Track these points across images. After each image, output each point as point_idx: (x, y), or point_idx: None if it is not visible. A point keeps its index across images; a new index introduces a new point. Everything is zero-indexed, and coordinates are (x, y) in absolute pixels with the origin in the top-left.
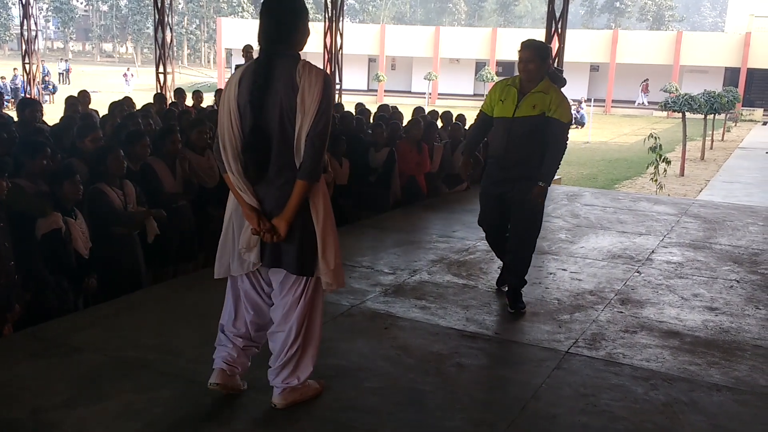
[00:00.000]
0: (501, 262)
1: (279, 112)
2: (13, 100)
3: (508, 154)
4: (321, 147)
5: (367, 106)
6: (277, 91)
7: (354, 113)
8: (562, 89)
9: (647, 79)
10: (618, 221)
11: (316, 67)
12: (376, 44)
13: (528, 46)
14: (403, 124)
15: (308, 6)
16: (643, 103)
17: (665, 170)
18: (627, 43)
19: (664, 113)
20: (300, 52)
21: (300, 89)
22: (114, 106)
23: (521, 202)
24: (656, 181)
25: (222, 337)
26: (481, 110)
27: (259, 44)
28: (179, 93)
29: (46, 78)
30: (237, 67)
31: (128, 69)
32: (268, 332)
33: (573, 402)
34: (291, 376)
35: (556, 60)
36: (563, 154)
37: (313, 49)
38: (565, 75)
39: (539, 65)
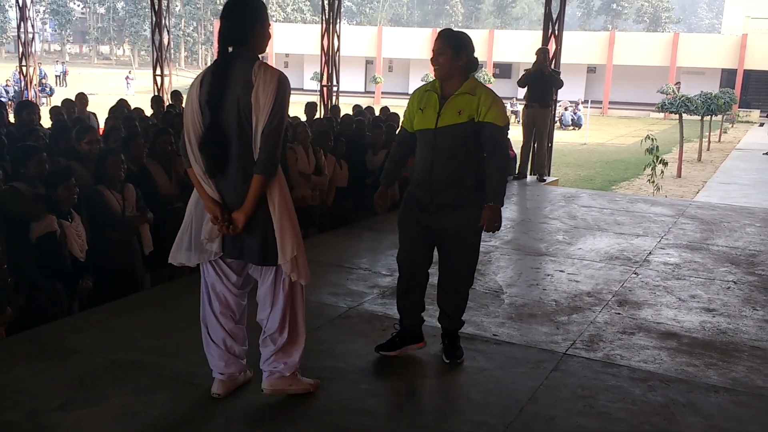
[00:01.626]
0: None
1: (236, 111)
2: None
3: (435, 174)
4: (275, 143)
5: (365, 108)
6: (234, 90)
7: (352, 115)
8: (559, 91)
9: (679, 82)
10: (615, 223)
11: (272, 67)
12: (374, 46)
13: (438, 36)
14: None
15: (305, 8)
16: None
17: (662, 172)
18: (624, 45)
19: (661, 115)
20: (260, 54)
21: (255, 88)
22: (113, 110)
23: (454, 234)
24: (653, 182)
25: (207, 340)
26: (401, 127)
27: (217, 45)
28: (176, 95)
29: (43, 80)
30: None
31: (129, 72)
32: (257, 319)
33: (571, 404)
34: (276, 362)
35: (554, 61)
36: (507, 163)
37: (310, 50)
38: (562, 77)
39: (451, 58)
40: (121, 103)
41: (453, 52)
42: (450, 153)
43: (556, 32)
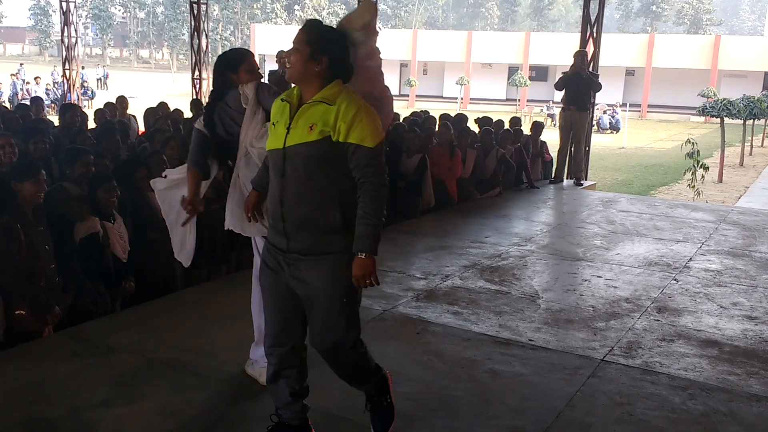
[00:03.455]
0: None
1: None
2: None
3: (287, 209)
4: None
5: (399, 111)
6: None
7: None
8: (597, 94)
9: None
10: (654, 228)
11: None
12: (409, 49)
13: (301, 27)
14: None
15: (341, 12)
16: None
17: (703, 176)
18: (663, 48)
19: (702, 118)
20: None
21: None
22: (149, 112)
23: (319, 293)
24: (694, 187)
25: None
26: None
27: None
28: None
29: (85, 83)
30: (270, 73)
31: (207, 75)
32: None
33: (608, 411)
34: None
35: (592, 64)
36: (385, 196)
37: None
38: (600, 79)
39: (306, 58)
40: (161, 106)
41: (310, 50)
42: (302, 181)
43: (595, 34)
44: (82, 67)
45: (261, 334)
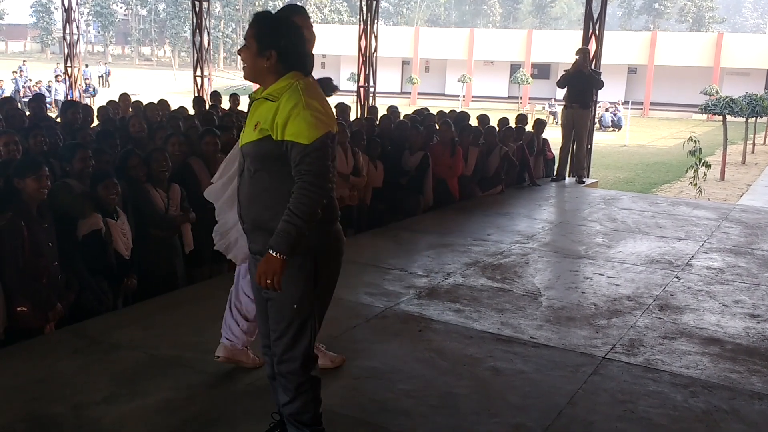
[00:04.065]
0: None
1: None
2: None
3: (243, 210)
4: None
5: (400, 109)
6: None
7: (388, 114)
8: (599, 92)
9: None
10: (656, 226)
11: None
12: (410, 47)
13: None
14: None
15: (342, 9)
16: None
17: (705, 174)
18: (666, 45)
19: (704, 116)
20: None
21: None
22: (148, 108)
23: (269, 293)
24: (696, 185)
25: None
26: None
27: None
28: (215, 96)
29: (87, 81)
30: None
31: (209, 72)
32: None
33: (610, 408)
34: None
35: (594, 62)
36: (317, 198)
37: (347, 51)
38: (602, 77)
39: (254, 54)
40: (161, 103)
41: (257, 45)
42: (251, 182)
43: (597, 32)
44: (86, 65)
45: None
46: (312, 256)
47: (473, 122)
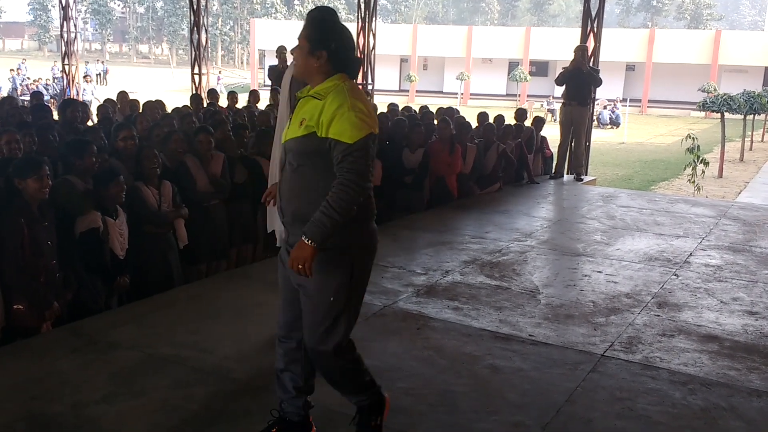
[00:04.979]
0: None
1: None
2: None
3: (284, 203)
4: None
5: (400, 107)
6: None
7: (387, 113)
8: (597, 89)
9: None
10: (655, 223)
11: None
12: (409, 44)
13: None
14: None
15: (341, 6)
16: None
17: (703, 172)
18: (664, 42)
19: (702, 114)
20: None
21: None
22: (146, 106)
23: (305, 285)
24: (694, 182)
25: None
26: None
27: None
28: (212, 93)
29: (88, 78)
30: (270, 68)
31: (220, 72)
32: None
33: (609, 406)
34: None
35: (592, 59)
36: (356, 195)
37: None
38: (600, 74)
39: (306, 53)
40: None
41: (309, 45)
42: (294, 176)
43: (595, 29)
44: (86, 63)
45: None
46: (349, 252)
47: (472, 122)
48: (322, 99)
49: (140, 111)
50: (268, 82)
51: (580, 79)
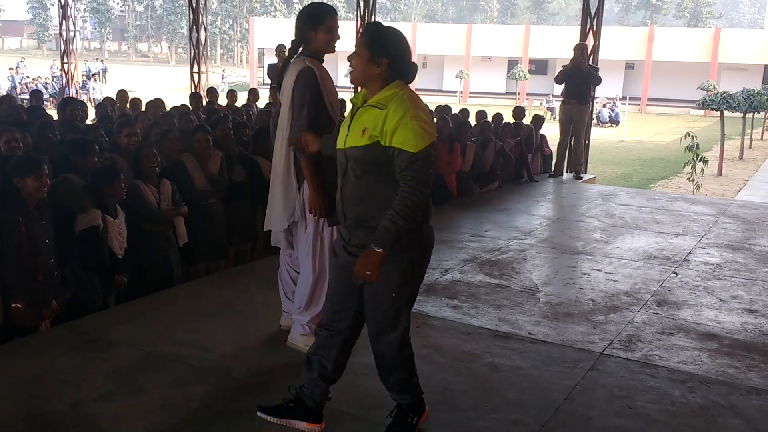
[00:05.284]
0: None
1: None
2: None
3: (346, 207)
4: (296, 127)
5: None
6: (287, 83)
7: None
8: (596, 88)
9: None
10: (654, 221)
11: (301, 62)
12: (408, 42)
13: (362, 30)
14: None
15: (340, 4)
16: None
17: (702, 170)
18: (663, 41)
19: (701, 112)
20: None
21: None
22: (149, 105)
23: (368, 286)
24: (693, 180)
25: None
26: None
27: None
28: (212, 92)
29: (87, 77)
30: (270, 66)
31: (224, 70)
32: None
33: (608, 404)
34: None
35: (591, 57)
36: (420, 202)
37: (345, 48)
38: (599, 73)
39: (366, 61)
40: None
41: (369, 53)
42: (357, 182)
43: (595, 28)
44: (85, 61)
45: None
46: (409, 251)
47: (472, 120)
48: (384, 108)
49: (142, 110)
50: (268, 81)
51: (579, 78)
